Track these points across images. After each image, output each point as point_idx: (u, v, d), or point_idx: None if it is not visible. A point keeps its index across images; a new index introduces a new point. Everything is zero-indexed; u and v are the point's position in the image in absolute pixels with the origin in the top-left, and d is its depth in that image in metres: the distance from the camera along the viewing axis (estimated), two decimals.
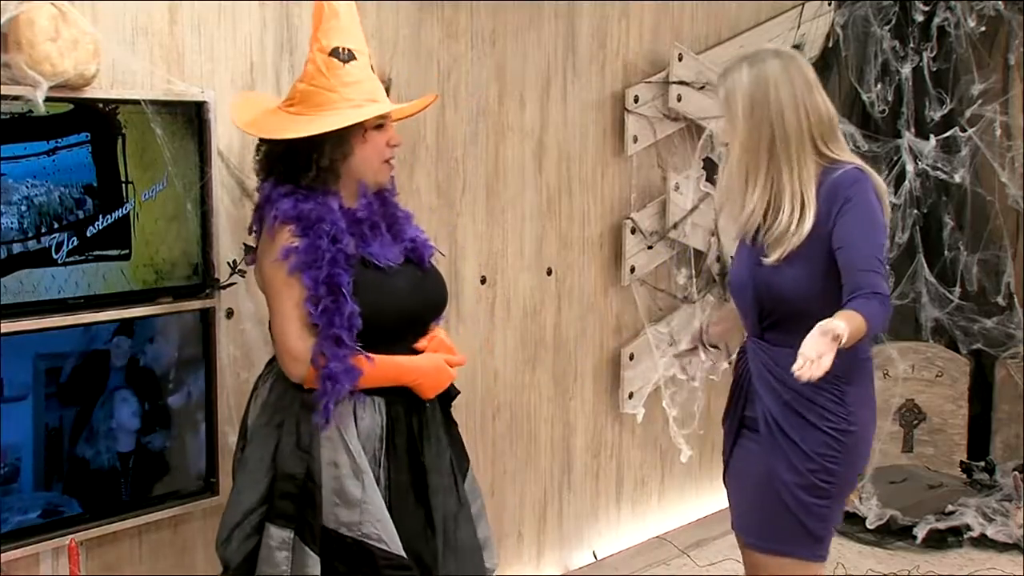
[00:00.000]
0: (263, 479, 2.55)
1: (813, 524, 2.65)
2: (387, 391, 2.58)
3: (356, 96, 2.57)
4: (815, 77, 2.70)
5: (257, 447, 2.59)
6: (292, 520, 2.51)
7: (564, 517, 4.12)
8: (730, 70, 2.70)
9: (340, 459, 2.51)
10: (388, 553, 2.51)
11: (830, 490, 2.64)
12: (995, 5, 4.93)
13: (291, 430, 2.54)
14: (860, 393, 2.68)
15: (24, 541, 2.58)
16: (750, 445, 2.76)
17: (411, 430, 2.62)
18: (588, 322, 4.12)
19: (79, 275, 2.63)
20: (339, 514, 2.50)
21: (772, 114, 2.62)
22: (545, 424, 4.00)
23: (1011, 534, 4.55)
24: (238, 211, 2.95)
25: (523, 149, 3.79)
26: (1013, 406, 5.13)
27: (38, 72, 2.41)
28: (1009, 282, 5.05)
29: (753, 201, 2.65)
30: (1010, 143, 5.02)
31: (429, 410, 2.67)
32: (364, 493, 2.50)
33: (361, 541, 2.50)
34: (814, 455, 2.62)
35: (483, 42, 3.60)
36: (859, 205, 2.57)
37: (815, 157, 2.64)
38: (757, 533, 2.74)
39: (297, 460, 2.51)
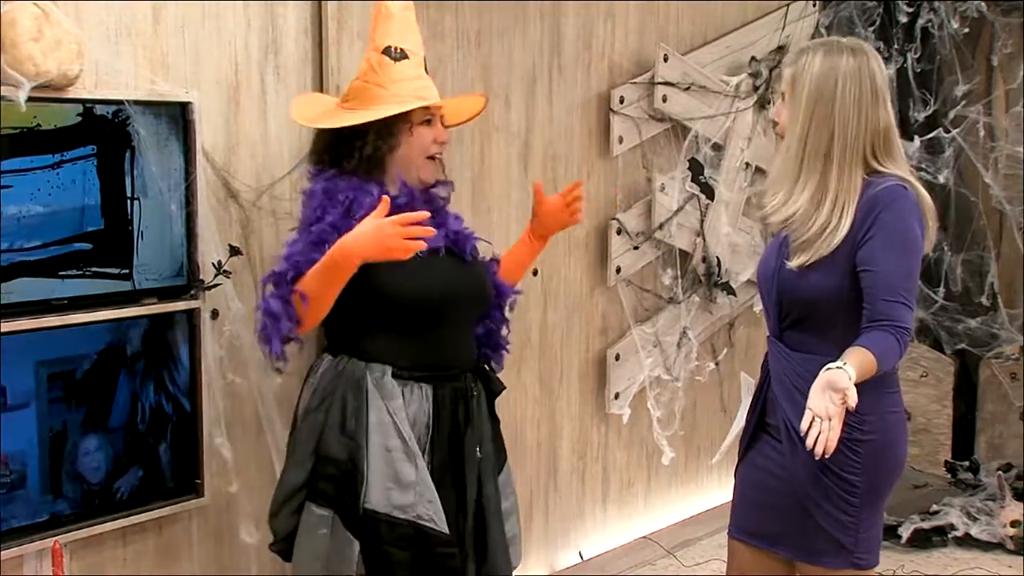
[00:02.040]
0: (308, 460, 2.63)
1: (843, 535, 2.58)
2: (433, 378, 2.66)
3: (404, 92, 2.66)
4: (885, 82, 2.57)
5: (305, 430, 2.66)
6: (332, 501, 2.59)
7: (550, 517, 4.12)
8: (804, 51, 2.59)
9: (392, 443, 2.58)
10: (439, 532, 2.60)
11: (854, 500, 2.56)
12: (978, 7, 4.95)
13: (337, 415, 2.61)
14: (877, 402, 2.55)
15: (7, 543, 2.56)
16: (771, 453, 2.68)
17: (455, 417, 2.70)
18: (574, 323, 4.12)
19: (77, 288, 2.64)
20: (392, 497, 2.58)
21: (835, 114, 2.51)
22: (531, 425, 4.00)
23: (995, 533, 4.57)
24: (223, 212, 2.95)
25: (509, 150, 3.79)
26: (997, 406, 5.15)
27: (20, 72, 2.40)
28: (993, 282, 5.08)
29: (801, 200, 2.53)
30: (993, 144, 5.05)
31: (475, 400, 2.73)
32: (418, 475, 2.58)
33: (414, 522, 2.58)
34: (832, 465, 2.52)
35: (468, 42, 3.60)
36: (891, 225, 2.46)
37: (863, 168, 2.53)
38: (791, 543, 2.66)
39: (341, 445, 2.59)
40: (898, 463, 2.66)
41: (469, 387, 2.74)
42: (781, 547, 2.70)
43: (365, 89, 2.69)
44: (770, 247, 2.73)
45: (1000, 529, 4.56)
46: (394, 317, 2.64)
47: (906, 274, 2.47)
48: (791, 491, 2.61)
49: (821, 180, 2.53)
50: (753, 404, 2.78)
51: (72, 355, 2.66)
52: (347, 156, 2.68)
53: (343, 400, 2.61)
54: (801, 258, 2.53)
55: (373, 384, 2.61)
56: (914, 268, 2.50)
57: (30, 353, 2.58)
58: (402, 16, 2.72)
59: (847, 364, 2.32)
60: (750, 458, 2.76)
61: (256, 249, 3.03)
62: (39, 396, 2.60)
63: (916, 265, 2.51)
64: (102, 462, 2.73)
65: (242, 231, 3.00)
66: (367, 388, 2.61)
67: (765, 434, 2.71)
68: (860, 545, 2.61)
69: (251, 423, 3.06)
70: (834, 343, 2.50)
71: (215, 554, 3.03)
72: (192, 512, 2.93)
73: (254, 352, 2.97)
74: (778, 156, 2.67)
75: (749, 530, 2.76)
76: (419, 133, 2.71)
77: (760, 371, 2.81)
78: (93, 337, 2.69)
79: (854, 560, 2.61)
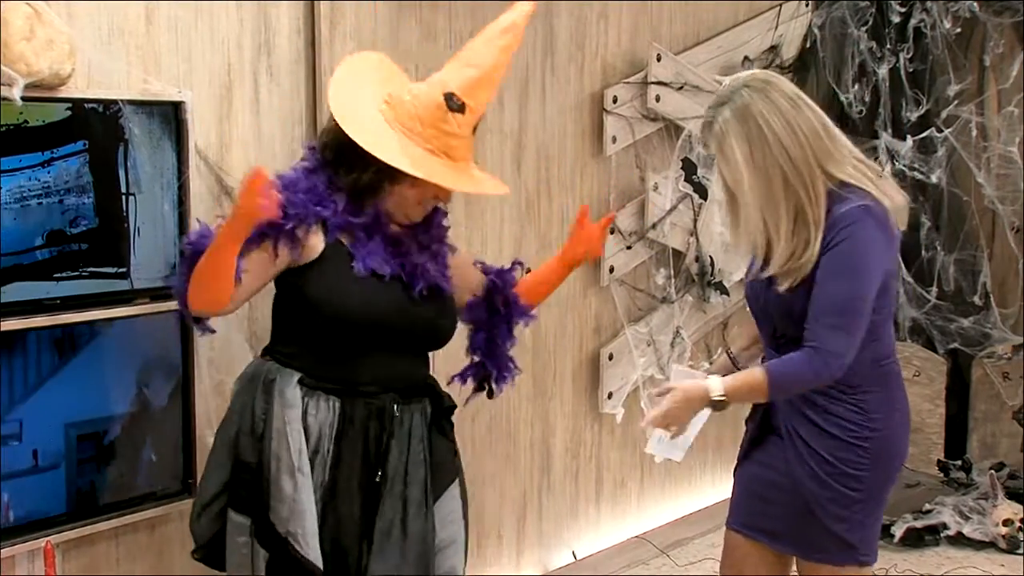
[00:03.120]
0: (226, 463, 2.57)
1: (849, 533, 2.59)
2: (342, 392, 2.53)
3: (434, 144, 2.47)
4: (794, 88, 2.56)
5: (224, 429, 2.61)
6: (247, 507, 2.52)
7: (543, 517, 4.12)
8: (712, 121, 2.56)
9: (282, 454, 2.48)
10: (301, 556, 2.46)
11: (858, 497, 2.57)
12: (970, 7, 4.96)
13: (248, 416, 2.54)
14: (882, 398, 2.59)
15: (0, 543, 2.56)
16: (776, 452, 2.68)
17: (367, 435, 2.55)
18: (567, 322, 4.12)
19: (73, 290, 2.63)
20: (276, 508, 2.48)
21: (775, 151, 2.48)
22: (524, 425, 4.00)
23: (988, 532, 4.58)
24: (216, 211, 2.94)
25: (502, 150, 3.79)
26: (990, 405, 5.17)
27: (12, 72, 2.40)
28: (985, 282, 5.08)
29: (783, 240, 2.50)
30: (986, 144, 5.06)
31: (397, 420, 2.57)
32: (295, 491, 2.46)
33: (285, 539, 2.47)
34: (837, 463, 2.55)
35: (461, 43, 3.56)
36: (843, 251, 2.46)
37: (822, 177, 2.50)
38: (794, 541, 2.67)
39: (251, 448, 2.52)
40: (901, 459, 2.68)
41: (388, 407, 2.56)
42: (783, 544, 2.71)
43: (409, 112, 2.49)
44: (755, 265, 2.69)
45: (992, 528, 4.57)
46: (312, 326, 2.52)
47: (848, 298, 2.47)
48: (795, 492, 2.62)
49: (793, 213, 2.50)
50: (755, 411, 2.79)
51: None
52: (346, 168, 2.50)
53: (254, 402, 2.53)
54: (786, 283, 2.52)
55: (278, 389, 2.51)
56: (861, 291, 2.48)
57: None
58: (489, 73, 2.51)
59: (719, 383, 2.52)
60: (754, 456, 2.77)
61: None
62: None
63: (863, 288, 2.48)
64: (95, 462, 2.73)
65: None
66: (274, 393, 2.51)
67: (772, 435, 2.71)
68: (864, 542, 2.63)
69: None
70: None
71: None
72: (184, 512, 2.92)
73: (245, 352, 2.97)
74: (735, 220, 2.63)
75: (750, 524, 2.76)
76: (423, 185, 2.50)
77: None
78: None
79: (859, 557, 2.63)
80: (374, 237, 2.54)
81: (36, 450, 2.61)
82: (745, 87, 2.53)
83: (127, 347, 2.77)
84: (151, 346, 2.81)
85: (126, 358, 2.77)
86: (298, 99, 3.13)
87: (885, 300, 2.57)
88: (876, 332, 2.57)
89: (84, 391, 2.69)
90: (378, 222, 2.56)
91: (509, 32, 2.51)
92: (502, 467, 3.92)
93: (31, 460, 2.61)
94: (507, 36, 2.51)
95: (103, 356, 2.72)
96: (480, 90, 2.50)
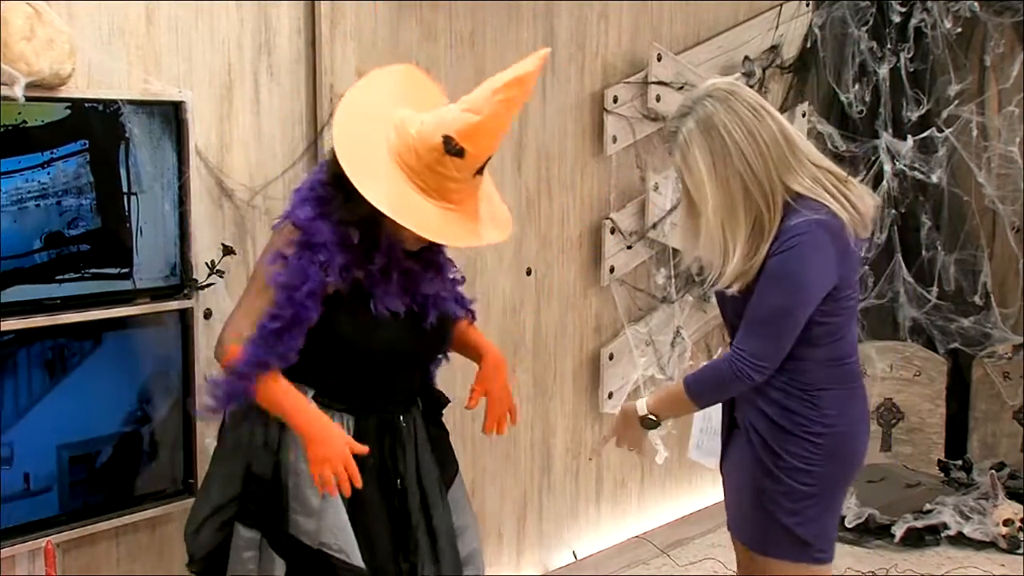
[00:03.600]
0: (237, 474, 2.53)
1: (801, 529, 2.61)
2: (356, 408, 2.55)
3: (429, 184, 2.40)
4: (756, 98, 2.57)
5: (232, 439, 2.57)
6: (258, 521, 2.50)
7: (544, 517, 4.12)
8: (676, 132, 2.58)
9: (301, 467, 2.46)
10: (347, 564, 2.45)
11: (809, 491, 2.59)
12: (971, 6, 4.96)
13: (261, 430, 2.52)
14: (839, 396, 2.62)
15: (0, 543, 2.56)
16: (737, 449, 2.72)
17: (382, 447, 2.57)
18: (568, 322, 4.12)
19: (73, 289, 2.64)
20: (299, 522, 2.47)
21: (736, 162, 2.50)
22: (525, 424, 4.00)
23: (988, 532, 4.58)
24: (217, 211, 2.95)
25: (502, 150, 3.77)
26: (990, 405, 5.17)
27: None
28: (986, 282, 5.09)
29: (739, 255, 2.52)
30: (986, 144, 5.07)
31: (405, 429, 2.62)
32: (323, 503, 2.45)
33: (320, 551, 2.45)
34: (792, 460, 2.58)
35: (461, 43, 3.60)
36: (784, 260, 2.49)
37: (781, 188, 2.52)
38: (751, 535, 2.71)
39: (266, 462, 2.50)
40: (856, 457, 2.69)
41: (396, 419, 2.60)
42: (745, 540, 2.74)
43: (408, 149, 2.41)
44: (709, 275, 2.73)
45: (993, 528, 4.57)
46: (332, 357, 2.52)
47: (778, 308, 2.50)
48: (753, 486, 2.65)
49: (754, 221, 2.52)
50: (725, 406, 2.81)
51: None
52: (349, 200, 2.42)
53: (265, 416, 2.50)
54: (736, 285, 2.55)
55: None
56: (793, 303, 2.50)
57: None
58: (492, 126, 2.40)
59: (644, 401, 2.71)
60: (725, 453, 2.81)
61: (250, 249, 3.03)
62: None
63: (796, 300, 2.50)
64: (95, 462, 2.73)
65: (236, 231, 3.00)
66: None
67: (737, 429, 2.74)
68: (819, 539, 2.64)
69: None
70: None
71: None
72: (185, 511, 2.92)
73: None
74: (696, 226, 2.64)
75: (733, 525, 2.81)
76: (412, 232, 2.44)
77: None
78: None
79: (815, 555, 2.64)
80: (389, 276, 2.52)
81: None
82: (708, 97, 2.55)
83: (128, 346, 2.77)
84: (152, 345, 2.81)
85: (127, 358, 2.77)
86: (298, 99, 3.13)
87: (839, 305, 2.56)
88: (837, 332, 2.59)
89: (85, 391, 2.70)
90: (391, 260, 2.52)
91: (515, 87, 2.41)
92: (502, 467, 3.92)
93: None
94: (513, 90, 2.41)
95: (104, 356, 2.72)
96: (480, 138, 2.39)
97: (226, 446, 2.59)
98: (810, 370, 2.58)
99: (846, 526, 4.60)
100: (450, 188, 2.42)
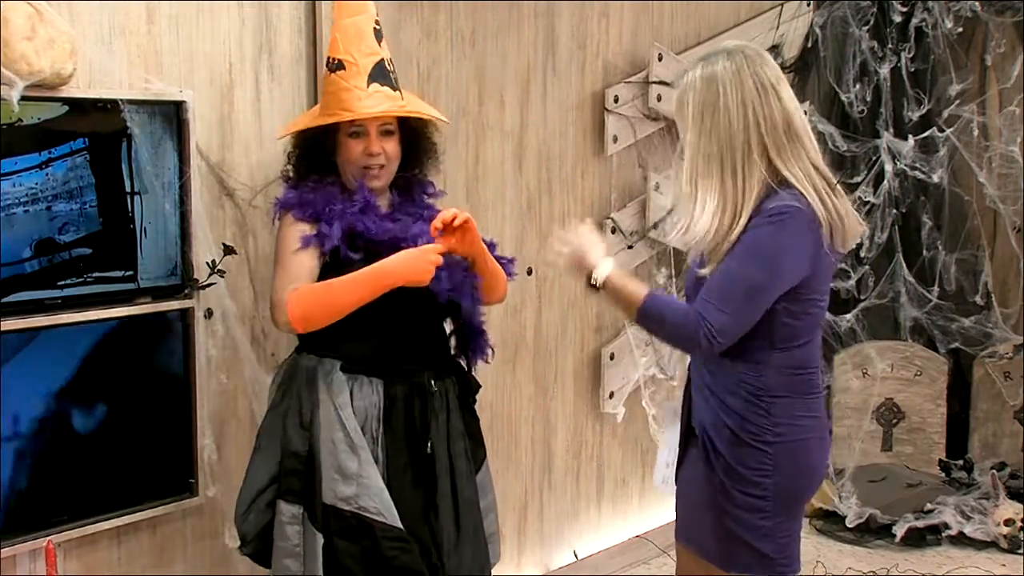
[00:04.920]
0: (273, 457, 2.65)
1: (758, 542, 2.53)
2: (384, 373, 2.65)
3: (332, 105, 2.67)
4: (774, 77, 2.50)
5: (268, 426, 2.70)
6: (299, 496, 2.61)
7: (545, 517, 4.12)
8: (686, 71, 2.57)
9: (336, 436, 2.59)
10: (386, 525, 2.57)
11: (765, 505, 2.51)
12: (972, 6, 4.96)
13: (295, 409, 2.63)
14: (793, 406, 2.52)
15: (1, 543, 2.56)
16: (691, 459, 2.66)
17: (410, 411, 2.67)
18: (569, 322, 4.12)
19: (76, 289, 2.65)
20: (337, 489, 2.58)
21: (721, 121, 2.46)
22: (526, 424, 4.00)
23: (989, 532, 4.58)
24: (218, 211, 2.95)
25: (503, 149, 3.79)
26: (991, 405, 5.16)
27: (13, 72, 2.40)
28: (987, 281, 5.08)
29: (705, 214, 2.46)
30: (987, 143, 5.06)
31: (438, 394, 2.72)
32: (360, 467, 2.58)
33: (358, 514, 2.57)
34: (743, 469, 2.51)
35: (463, 42, 3.60)
36: (757, 236, 2.42)
37: (765, 170, 2.45)
38: (713, 549, 2.62)
39: (300, 438, 2.62)
40: (811, 469, 2.59)
41: (427, 383, 2.71)
42: (706, 554, 2.65)
43: (321, 98, 2.75)
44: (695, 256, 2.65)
45: (994, 528, 4.57)
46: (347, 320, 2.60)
47: (743, 281, 2.41)
48: (711, 497, 2.57)
49: (721, 192, 2.46)
50: (681, 410, 2.76)
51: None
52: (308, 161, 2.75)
53: (299, 395, 2.64)
54: (708, 267, 2.48)
55: (323, 378, 2.63)
56: (760, 281, 2.42)
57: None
58: (347, 24, 2.68)
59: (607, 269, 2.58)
60: (682, 469, 2.74)
61: (251, 248, 3.03)
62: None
63: (764, 278, 2.42)
64: (96, 461, 2.73)
65: (237, 230, 3.00)
66: (318, 382, 2.63)
67: (693, 437, 2.67)
68: (780, 552, 2.55)
69: (245, 423, 3.05)
70: (742, 351, 2.49)
71: (209, 554, 3.03)
72: (186, 511, 2.93)
73: (247, 352, 2.97)
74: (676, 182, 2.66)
75: (684, 534, 2.74)
76: (348, 145, 2.70)
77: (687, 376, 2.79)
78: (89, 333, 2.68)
79: (779, 569, 2.56)
80: (369, 214, 2.66)
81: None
82: (726, 54, 2.51)
83: (129, 346, 2.76)
84: (153, 345, 2.81)
85: (128, 357, 2.77)
86: (299, 98, 3.13)
87: (805, 307, 2.49)
88: (799, 337, 2.51)
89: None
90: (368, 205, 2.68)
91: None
92: (503, 466, 3.92)
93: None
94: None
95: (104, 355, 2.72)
96: (350, 40, 2.66)
97: (263, 431, 2.71)
98: (766, 375, 2.49)
99: (847, 526, 4.61)
100: (350, 97, 2.63)
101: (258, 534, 2.67)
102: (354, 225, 2.62)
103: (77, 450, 2.68)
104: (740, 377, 2.51)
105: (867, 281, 4.99)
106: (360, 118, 2.66)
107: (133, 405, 2.78)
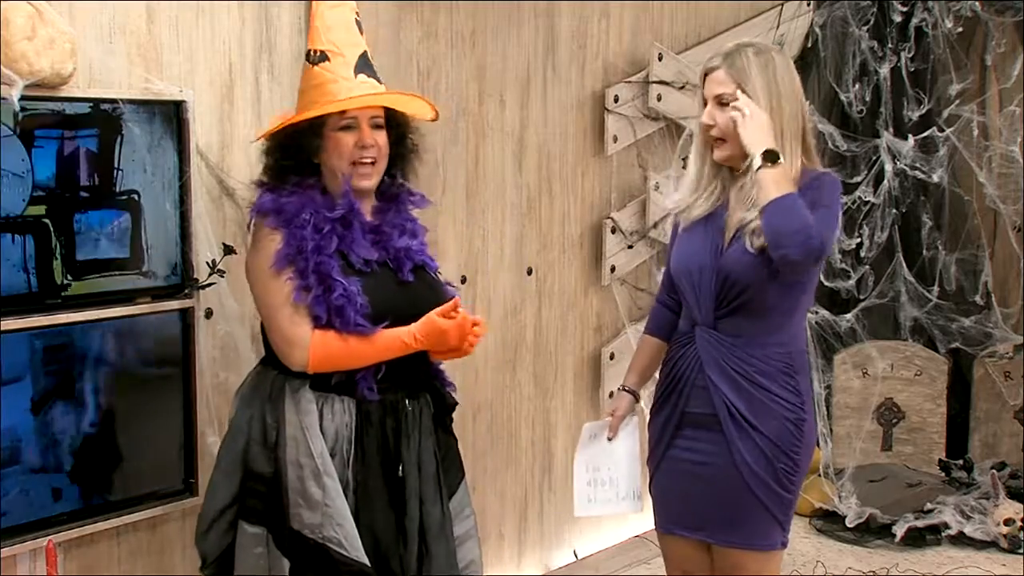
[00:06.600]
0: (235, 474, 2.54)
1: (781, 513, 2.68)
2: (359, 392, 2.53)
3: (318, 98, 2.55)
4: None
5: (230, 441, 2.59)
6: (263, 518, 2.51)
7: (545, 517, 4.12)
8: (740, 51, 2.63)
9: (303, 460, 2.47)
10: (347, 559, 2.45)
11: (794, 479, 2.67)
12: (972, 6, 4.96)
13: (258, 427, 2.53)
14: (806, 384, 2.72)
15: (1, 542, 2.56)
16: (699, 444, 2.71)
17: (384, 432, 2.56)
18: (569, 322, 4.12)
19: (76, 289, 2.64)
20: (302, 515, 2.47)
21: (799, 107, 2.64)
22: (526, 424, 4.00)
23: (989, 532, 4.57)
24: (217, 210, 2.94)
25: (503, 149, 3.79)
26: (991, 405, 5.16)
27: (14, 71, 2.40)
28: (987, 281, 5.08)
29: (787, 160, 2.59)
30: (987, 143, 5.06)
31: (410, 414, 2.60)
32: (325, 495, 2.45)
33: (322, 544, 2.45)
34: (779, 444, 2.64)
35: (463, 42, 3.60)
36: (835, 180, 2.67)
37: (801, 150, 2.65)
38: (727, 530, 2.69)
39: (265, 459, 2.51)
40: (813, 444, 2.78)
41: (401, 402, 2.58)
42: (710, 534, 2.74)
43: (301, 95, 2.62)
44: (689, 243, 2.73)
45: (994, 528, 4.57)
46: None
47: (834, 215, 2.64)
48: (729, 477, 2.65)
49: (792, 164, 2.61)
50: (667, 403, 2.78)
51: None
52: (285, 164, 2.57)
53: (262, 412, 2.52)
54: (760, 240, 2.56)
55: (289, 397, 2.51)
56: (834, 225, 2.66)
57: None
58: (332, 15, 2.59)
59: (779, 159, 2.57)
60: (672, 454, 2.77)
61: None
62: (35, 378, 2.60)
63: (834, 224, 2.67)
64: (95, 461, 2.73)
65: (237, 230, 3.00)
66: (285, 400, 2.51)
67: (689, 427, 2.73)
68: (787, 523, 2.72)
69: None
70: (769, 329, 2.64)
71: None
72: (186, 511, 2.93)
73: (247, 352, 2.97)
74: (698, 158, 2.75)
75: (682, 523, 2.80)
76: (337, 139, 2.55)
77: (664, 367, 2.83)
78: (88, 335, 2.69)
79: (782, 539, 2.72)
80: (351, 226, 2.55)
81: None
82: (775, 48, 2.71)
83: (129, 345, 2.76)
84: (153, 344, 2.81)
85: (128, 357, 2.77)
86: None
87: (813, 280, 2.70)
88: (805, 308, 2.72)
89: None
90: (352, 211, 2.57)
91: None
92: (503, 466, 3.92)
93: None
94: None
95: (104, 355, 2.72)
96: (332, 32, 2.58)
97: (226, 448, 2.60)
98: (793, 355, 2.67)
99: (847, 525, 4.60)
100: (339, 88, 2.54)
101: (219, 555, 2.58)
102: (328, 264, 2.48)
103: (77, 450, 2.68)
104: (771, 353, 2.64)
105: (867, 281, 4.99)
106: (358, 106, 2.54)
107: (133, 405, 2.78)
